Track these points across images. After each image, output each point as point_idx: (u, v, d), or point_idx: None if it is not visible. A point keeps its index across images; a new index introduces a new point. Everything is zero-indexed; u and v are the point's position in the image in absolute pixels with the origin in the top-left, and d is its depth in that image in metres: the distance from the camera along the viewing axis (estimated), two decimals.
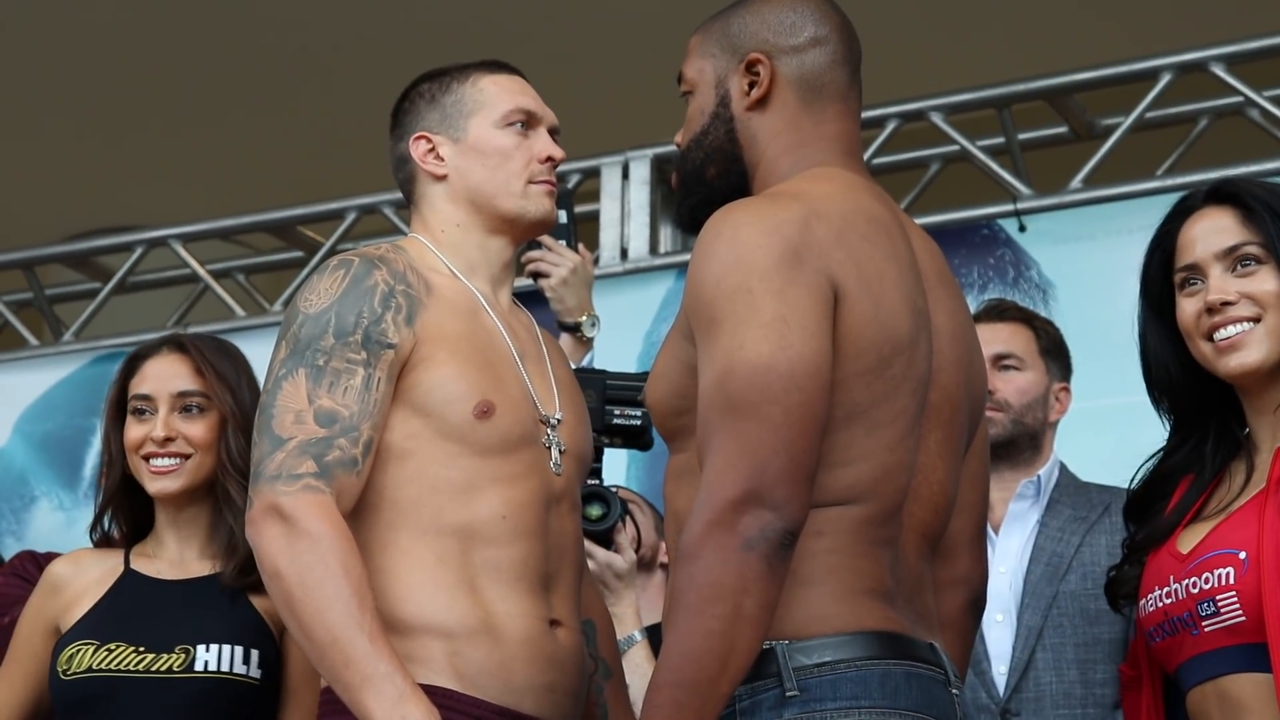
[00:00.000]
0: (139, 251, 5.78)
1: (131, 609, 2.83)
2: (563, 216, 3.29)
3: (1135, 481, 2.56)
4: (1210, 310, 2.42)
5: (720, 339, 2.11)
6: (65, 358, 5.78)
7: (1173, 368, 2.51)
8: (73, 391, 5.71)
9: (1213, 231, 2.46)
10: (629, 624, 3.19)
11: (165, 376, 2.90)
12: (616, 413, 3.09)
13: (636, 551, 3.72)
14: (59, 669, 2.79)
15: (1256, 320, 2.41)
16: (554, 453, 2.55)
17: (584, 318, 3.40)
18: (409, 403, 2.46)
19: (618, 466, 4.66)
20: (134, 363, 2.95)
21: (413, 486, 2.45)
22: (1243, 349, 2.41)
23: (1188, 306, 2.46)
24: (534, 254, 3.43)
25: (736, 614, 2.02)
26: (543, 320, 2.78)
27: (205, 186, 7.15)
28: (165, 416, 2.87)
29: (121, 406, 2.93)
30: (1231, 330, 2.41)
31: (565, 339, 3.39)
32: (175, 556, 2.88)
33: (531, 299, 3.52)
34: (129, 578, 2.87)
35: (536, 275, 3.40)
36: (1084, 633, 3.38)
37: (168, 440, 2.85)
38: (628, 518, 3.38)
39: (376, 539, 2.44)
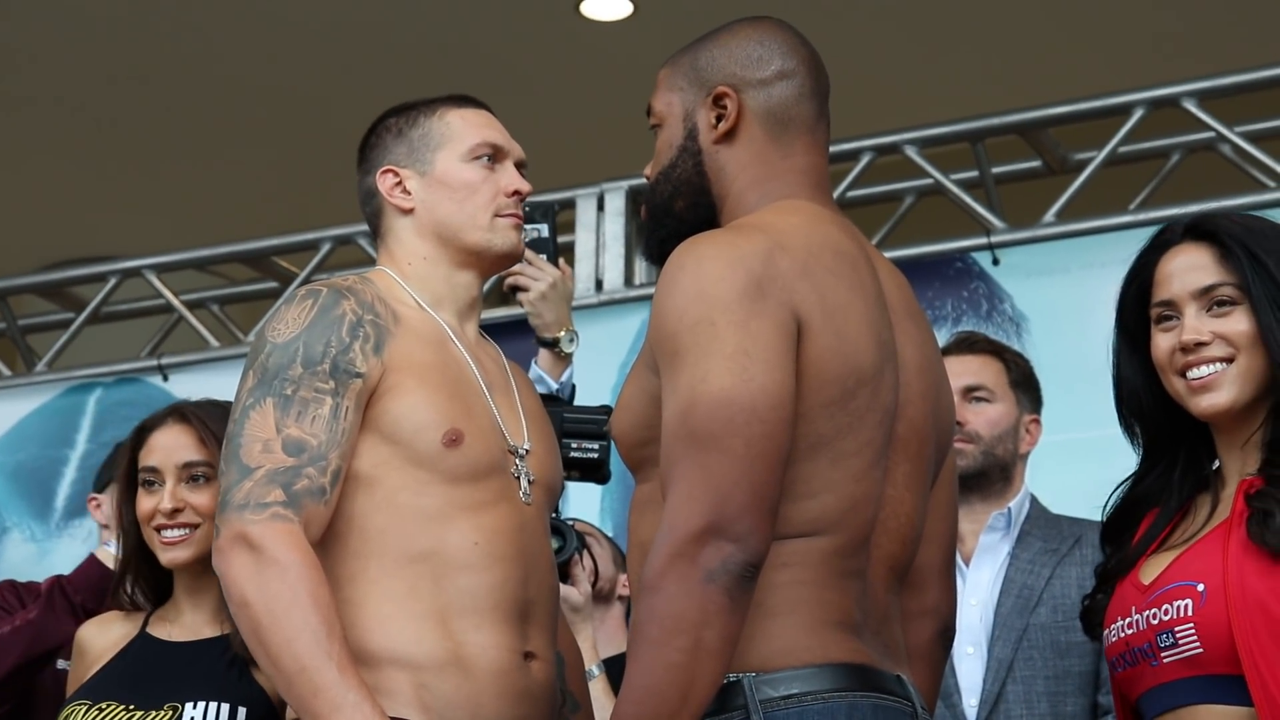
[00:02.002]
0: (113, 282, 5.78)
1: (132, 669, 2.86)
2: (545, 230, 3.28)
3: (1107, 507, 2.57)
4: (1184, 349, 2.43)
5: (683, 371, 2.11)
6: (38, 388, 5.76)
7: (1145, 397, 2.52)
8: (45, 422, 5.70)
9: (1189, 269, 2.46)
10: (587, 658, 3.19)
11: (170, 448, 2.94)
12: (574, 446, 3.07)
13: (594, 585, 3.72)
14: None
15: (1229, 361, 2.41)
16: (523, 482, 2.55)
17: (562, 333, 3.36)
18: (377, 430, 2.46)
19: (591, 498, 4.67)
20: (141, 435, 2.99)
21: (381, 514, 2.45)
22: (1214, 390, 2.41)
23: (1162, 342, 2.47)
24: (514, 266, 3.41)
25: (697, 646, 2.02)
26: (512, 352, 2.78)
27: (180, 217, 7.16)
28: (172, 488, 2.90)
29: (132, 478, 2.96)
30: (1204, 370, 2.42)
31: (543, 355, 3.37)
32: (189, 621, 2.91)
33: (509, 330, 3.52)
34: (140, 640, 2.91)
35: (515, 289, 3.38)
36: (1055, 665, 3.39)
37: (175, 511, 2.89)
38: (584, 550, 3.37)
39: (345, 568, 2.43)
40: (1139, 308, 2.53)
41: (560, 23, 6.23)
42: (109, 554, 3.47)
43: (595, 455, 3.11)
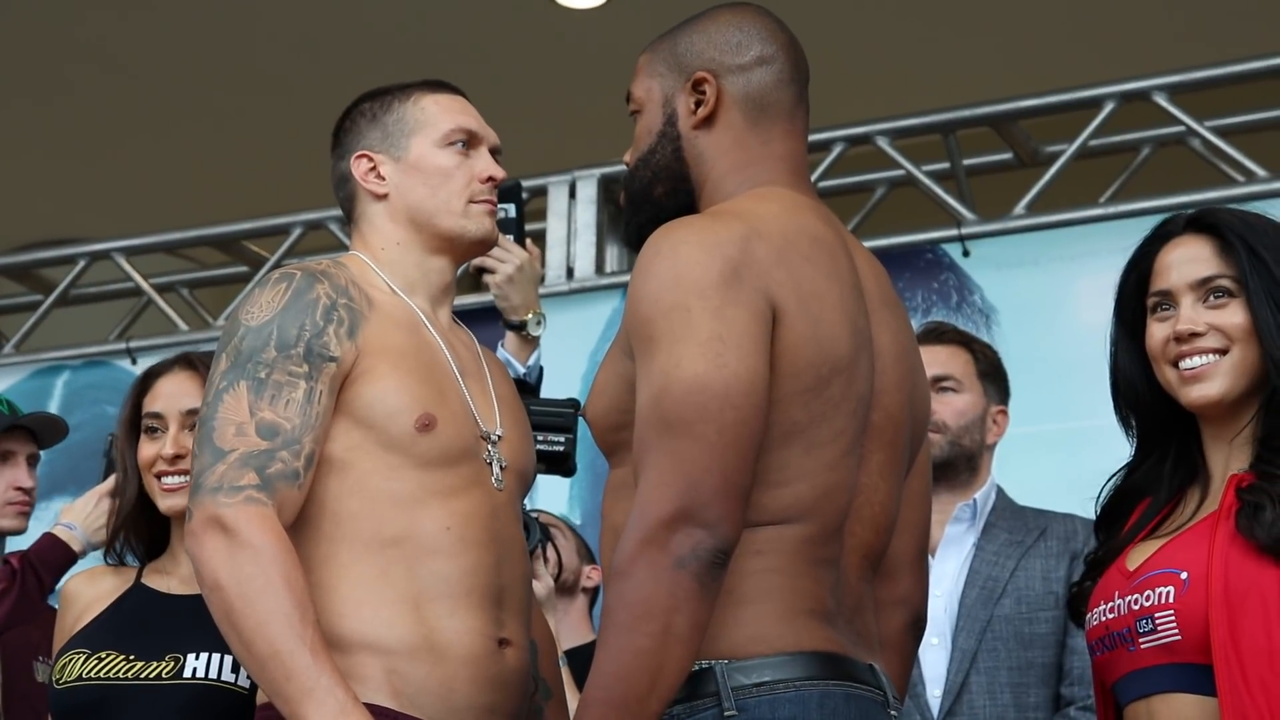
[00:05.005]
0: (81, 264, 5.76)
1: (130, 620, 2.85)
2: (511, 211, 3.24)
3: (1102, 496, 2.58)
4: (1178, 339, 2.43)
5: (657, 356, 2.11)
6: (5, 370, 5.75)
7: (1140, 387, 2.52)
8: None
9: (1188, 260, 2.47)
10: None
11: (175, 394, 2.92)
12: (539, 439, 3.01)
13: (557, 577, 3.71)
14: (54, 679, 2.82)
15: (1223, 353, 2.42)
16: (495, 468, 2.55)
17: (529, 315, 3.33)
18: (350, 415, 2.46)
19: (560, 486, 4.67)
20: (146, 381, 2.97)
21: (353, 499, 2.44)
22: (1206, 380, 2.42)
23: (1157, 332, 2.47)
24: None
25: (667, 632, 2.02)
26: (483, 338, 2.78)
27: (149, 200, 7.13)
28: (175, 434, 2.89)
29: (135, 424, 2.95)
30: (1197, 361, 2.43)
31: (510, 338, 3.34)
32: (187, 573, 2.86)
33: (480, 316, 3.51)
34: (136, 591, 2.90)
35: (482, 271, 3.35)
36: (1018, 656, 3.40)
37: (177, 458, 2.87)
38: (548, 543, 3.35)
39: (317, 553, 2.43)
40: (1137, 298, 2.53)
41: (534, 10, 6.23)
42: (70, 535, 3.46)
43: (561, 448, 3.08)
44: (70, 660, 2.81)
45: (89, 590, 2.92)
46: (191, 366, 2.94)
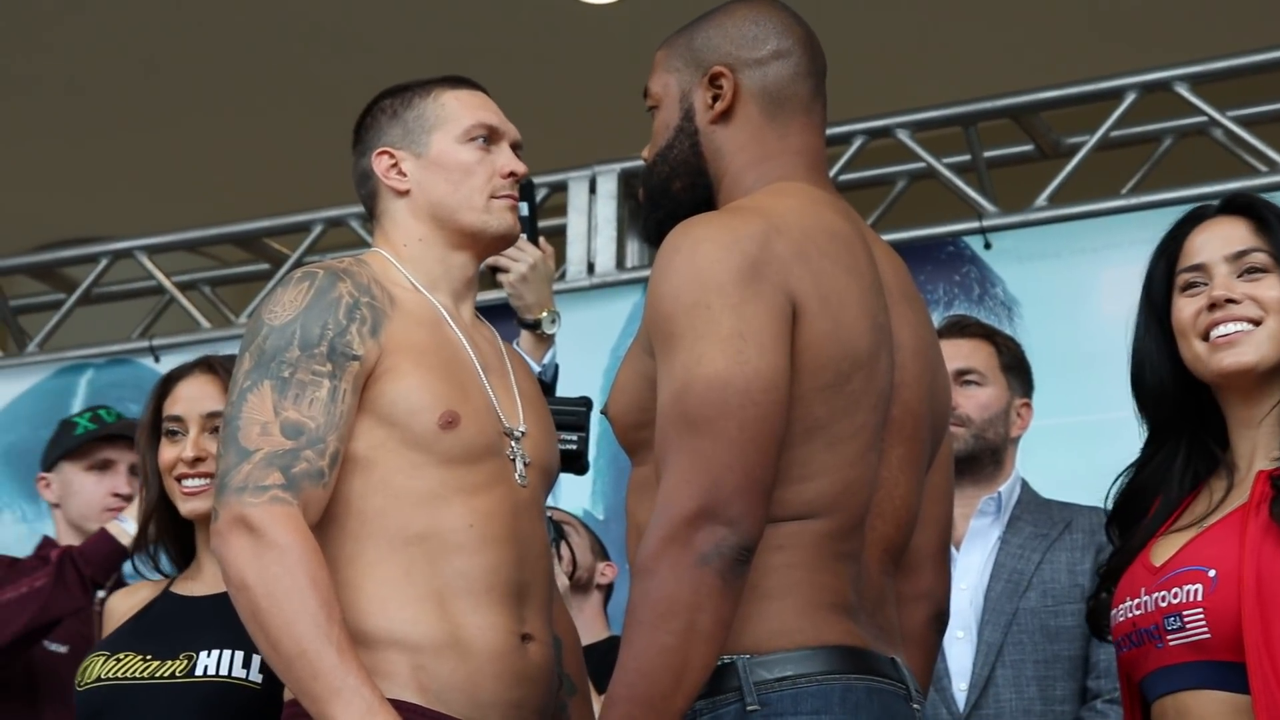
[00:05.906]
0: (104, 263, 5.77)
1: (151, 623, 2.87)
2: (524, 209, 3.24)
3: (1113, 494, 2.56)
4: (1213, 306, 2.41)
5: (678, 354, 2.12)
6: (29, 369, 5.76)
7: (1164, 371, 2.50)
8: (37, 403, 5.69)
9: (1223, 237, 2.46)
10: None
11: (195, 398, 2.95)
12: None
13: (572, 575, 3.71)
14: (76, 683, 2.84)
15: (1257, 323, 2.41)
16: (518, 465, 2.55)
17: (544, 314, 3.32)
18: (374, 413, 2.46)
19: (583, 482, 4.67)
20: (167, 384, 3.00)
21: (377, 496, 2.45)
22: (1239, 346, 2.40)
23: (1187, 306, 2.45)
24: None
25: (691, 629, 2.03)
26: (503, 335, 2.78)
27: (171, 198, 7.14)
28: (195, 437, 2.91)
29: (156, 427, 2.97)
30: (1231, 328, 2.41)
31: (525, 336, 3.34)
32: (209, 575, 2.89)
33: (499, 313, 3.51)
34: (162, 598, 2.92)
35: (495, 270, 3.35)
36: (1044, 649, 3.40)
37: (197, 460, 2.89)
38: (562, 540, 3.34)
39: (342, 551, 2.44)
40: (1167, 281, 2.51)
41: (554, 5, 6.23)
42: (120, 529, 3.48)
43: (574, 447, 3.07)
44: (91, 663, 2.84)
45: (124, 604, 2.96)
46: (212, 370, 2.97)
